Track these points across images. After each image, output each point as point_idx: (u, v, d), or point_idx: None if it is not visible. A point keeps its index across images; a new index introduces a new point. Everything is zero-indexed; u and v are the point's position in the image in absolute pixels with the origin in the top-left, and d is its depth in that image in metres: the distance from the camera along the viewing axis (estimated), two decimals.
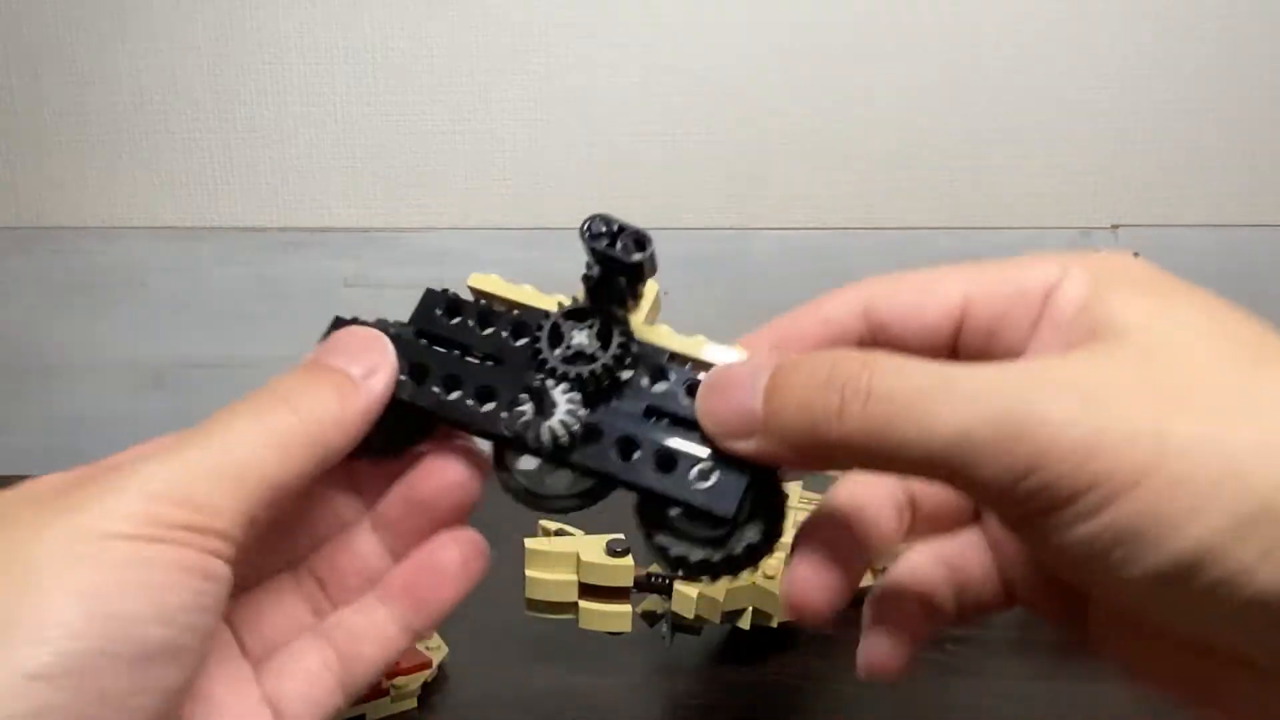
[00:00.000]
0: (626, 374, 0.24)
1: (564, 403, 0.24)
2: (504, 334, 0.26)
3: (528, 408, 0.24)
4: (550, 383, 0.24)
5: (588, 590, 0.45)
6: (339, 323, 0.26)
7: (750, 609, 0.48)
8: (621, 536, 0.45)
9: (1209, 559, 0.18)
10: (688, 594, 0.47)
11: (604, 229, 0.24)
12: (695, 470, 0.23)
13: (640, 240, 0.24)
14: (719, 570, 0.23)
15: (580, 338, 0.25)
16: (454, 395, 0.25)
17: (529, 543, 0.48)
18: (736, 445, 0.23)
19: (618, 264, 0.24)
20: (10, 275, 0.74)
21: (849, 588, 0.24)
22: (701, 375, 0.24)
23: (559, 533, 0.51)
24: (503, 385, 0.25)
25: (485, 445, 0.26)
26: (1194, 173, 0.77)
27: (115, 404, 0.76)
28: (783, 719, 0.44)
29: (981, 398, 0.19)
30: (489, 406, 0.25)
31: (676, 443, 0.23)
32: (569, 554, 0.45)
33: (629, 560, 0.45)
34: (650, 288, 0.25)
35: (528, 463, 0.25)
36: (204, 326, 0.75)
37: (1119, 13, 0.74)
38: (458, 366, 0.25)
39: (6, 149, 0.74)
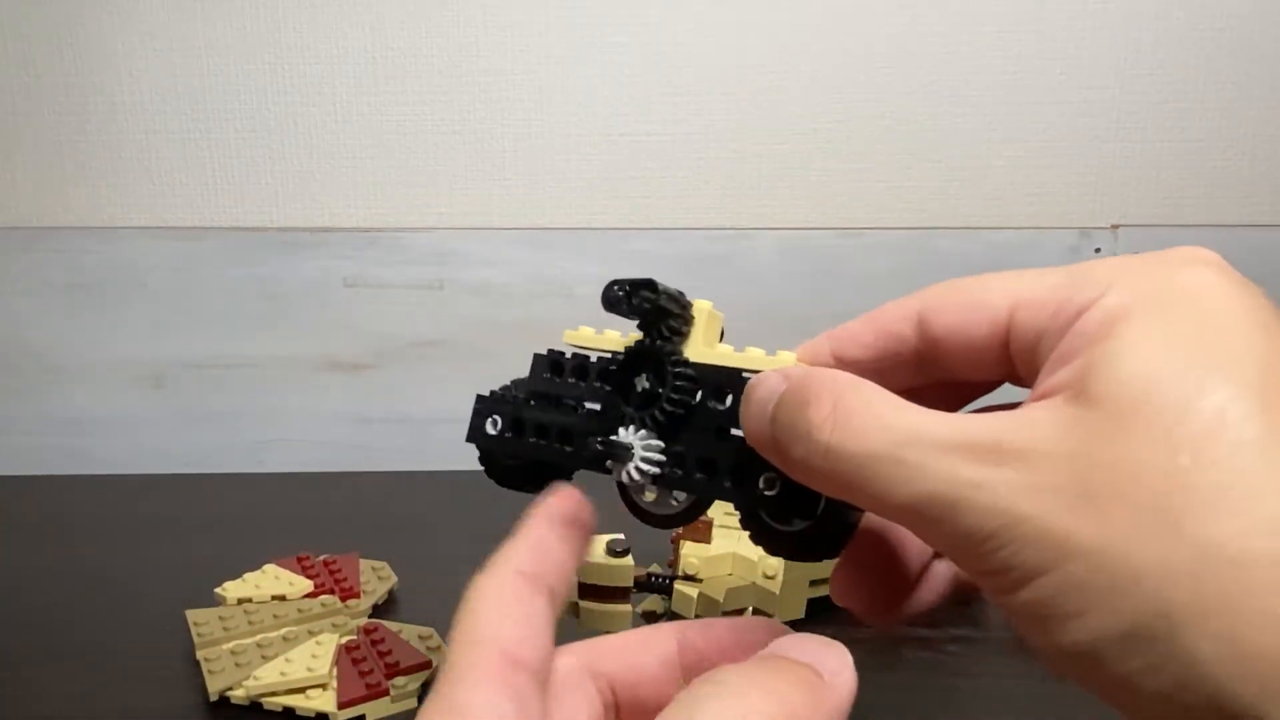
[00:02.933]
0: (693, 399, 0.26)
1: (639, 446, 0.26)
2: (596, 382, 0.28)
3: (615, 450, 0.26)
4: (627, 429, 0.26)
5: (588, 590, 0.45)
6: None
7: (750, 609, 0.48)
8: (621, 536, 0.44)
9: (1096, 661, 0.19)
10: (688, 594, 0.47)
11: (619, 294, 0.25)
12: (763, 480, 0.25)
13: (646, 286, 0.26)
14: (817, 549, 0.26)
15: (642, 382, 0.27)
16: (561, 445, 0.28)
17: None
18: (767, 457, 0.24)
19: (641, 318, 0.26)
20: (10, 275, 0.74)
21: (889, 594, 0.26)
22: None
23: None
24: (602, 428, 0.28)
25: None
26: (1194, 173, 0.77)
27: (115, 404, 0.76)
28: None
29: (918, 479, 0.20)
30: (596, 449, 0.27)
31: (745, 455, 0.25)
32: None
33: (629, 560, 0.45)
34: (701, 309, 0.27)
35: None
36: (204, 326, 0.75)
37: (1119, 13, 0.74)
38: (564, 418, 0.28)
39: (6, 149, 0.74)
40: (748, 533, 0.26)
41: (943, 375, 0.25)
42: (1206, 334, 0.20)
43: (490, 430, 0.29)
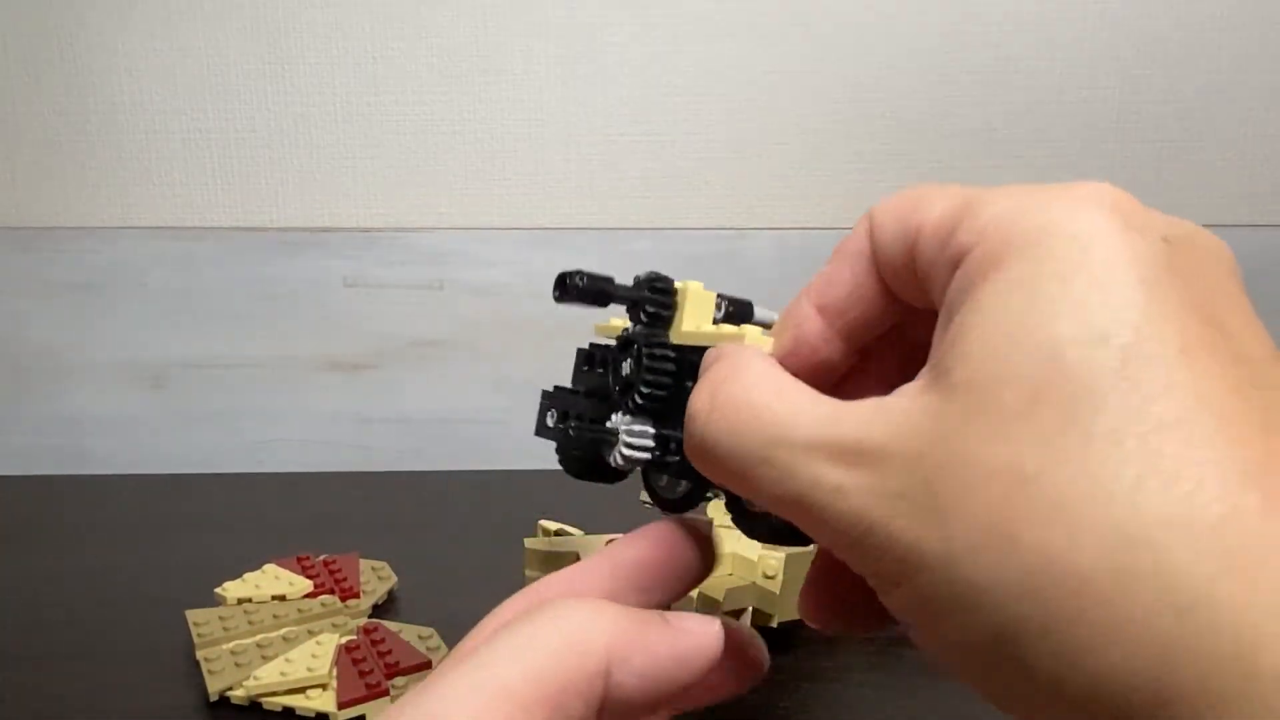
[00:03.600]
0: (669, 380, 0.25)
1: (623, 430, 0.26)
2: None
3: (596, 435, 0.26)
4: (615, 416, 0.26)
5: None
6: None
7: (750, 609, 0.48)
8: (621, 536, 0.44)
9: (962, 672, 0.18)
10: (688, 594, 0.47)
11: (575, 284, 0.25)
12: None
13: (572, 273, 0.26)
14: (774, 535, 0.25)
15: (626, 367, 0.26)
16: (568, 433, 0.28)
17: (529, 543, 0.48)
18: None
19: (577, 298, 0.26)
20: (10, 275, 0.74)
21: (855, 612, 0.24)
22: None
23: (559, 533, 0.51)
24: (600, 415, 0.28)
25: None
26: (1194, 173, 0.77)
27: (115, 404, 0.76)
28: (783, 719, 0.44)
29: (786, 480, 0.19)
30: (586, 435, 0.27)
31: None
32: (569, 554, 0.45)
33: None
34: (686, 289, 0.26)
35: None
36: (204, 326, 0.75)
37: (1118, 13, 0.74)
38: (589, 407, 0.28)
39: (6, 149, 0.74)
40: (730, 515, 0.26)
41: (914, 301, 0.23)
42: (1077, 298, 0.17)
43: (549, 423, 0.29)
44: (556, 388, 0.29)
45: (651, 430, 0.25)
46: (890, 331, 0.23)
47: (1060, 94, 0.75)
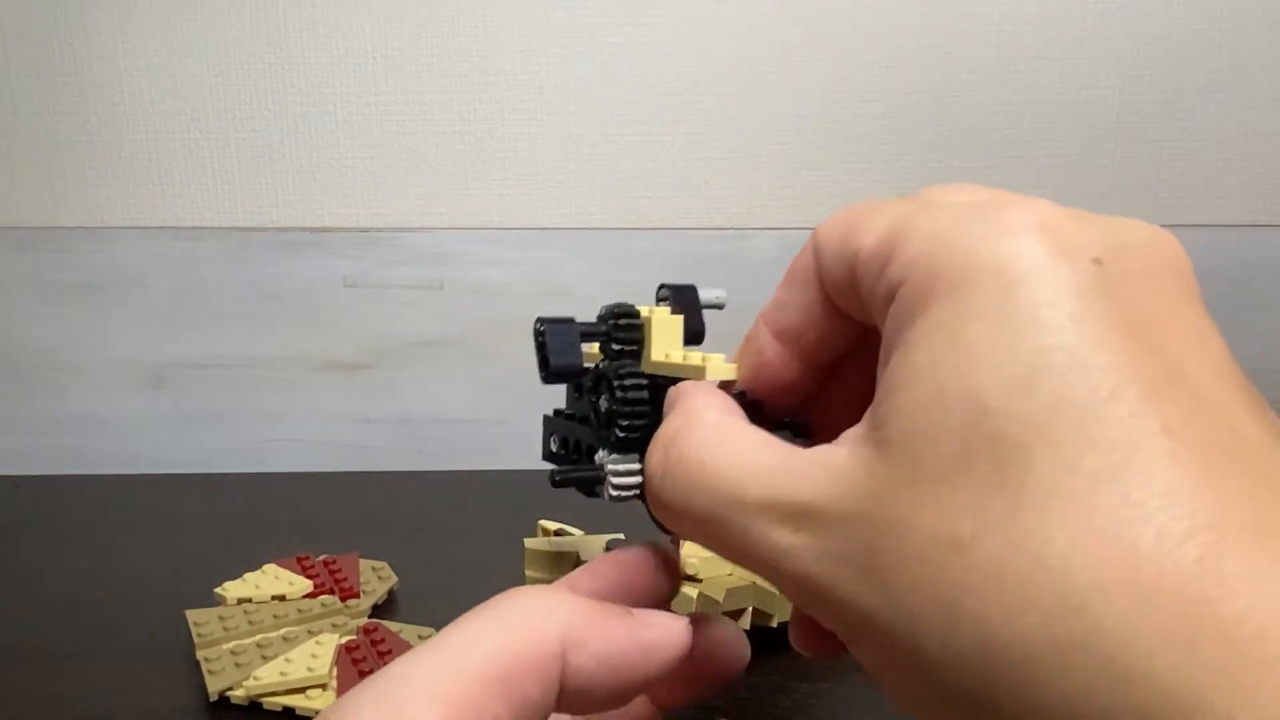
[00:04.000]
0: (646, 413, 0.25)
1: (608, 468, 0.25)
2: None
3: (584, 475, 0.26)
4: (600, 453, 0.26)
5: None
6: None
7: (750, 609, 0.48)
8: (621, 536, 0.44)
9: None
10: (687, 594, 0.47)
11: (540, 338, 0.26)
12: None
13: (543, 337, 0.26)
14: None
15: (602, 402, 0.26)
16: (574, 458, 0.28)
17: (529, 542, 0.48)
18: None
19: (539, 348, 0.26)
20: (10, 275, 0.74)
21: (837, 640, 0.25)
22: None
23: (559, 533, 0.51)
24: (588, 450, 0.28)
25: None
26: (1194, 173, 0.77)
27: (115, 404, 0.76)
28: (782, 719, 0.44)
29: (742, 541, 0.19)
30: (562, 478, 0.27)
31: None
32: (569, 554, 0.45)
33: None
34: (653, 318, 0.26)
35: None
36: (204, 326, 0.75)
37: (1119, 14, 0.74)
38: (587, 434, 0.28)
39: (6, 149, 0.74)
40: None
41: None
42: (1002, 343, 0.17)
43: (553, 448, 0.29)
44: (556, 411, 0.29)
45: (637, 465, 0.25)
46: (856, 343, 0.23)
47: (1060, 94, 0.75)
